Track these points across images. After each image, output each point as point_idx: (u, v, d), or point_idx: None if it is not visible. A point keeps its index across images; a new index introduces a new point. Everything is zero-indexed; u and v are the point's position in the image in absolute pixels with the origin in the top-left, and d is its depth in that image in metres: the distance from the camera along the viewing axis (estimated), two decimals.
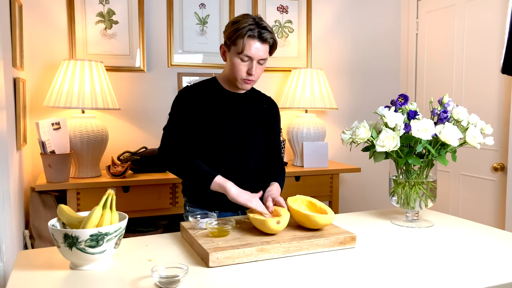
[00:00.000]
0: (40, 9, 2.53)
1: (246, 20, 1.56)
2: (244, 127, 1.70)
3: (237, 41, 1.56)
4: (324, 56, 3.19)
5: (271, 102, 1.84)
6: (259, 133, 1.76)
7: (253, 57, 1.57)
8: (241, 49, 1.56)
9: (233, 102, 1.70)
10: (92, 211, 1.17)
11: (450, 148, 1.55)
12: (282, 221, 1.33)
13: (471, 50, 2.81)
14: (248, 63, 1.59)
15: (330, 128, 3.19)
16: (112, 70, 2.65)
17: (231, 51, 1.60)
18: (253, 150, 1.74)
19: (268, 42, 1.59)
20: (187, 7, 2.81)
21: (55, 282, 1.09)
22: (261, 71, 1.64)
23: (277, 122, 1.85)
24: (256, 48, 1.56)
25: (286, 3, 3.05)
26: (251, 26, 1.55)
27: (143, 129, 2.77)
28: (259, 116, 1.76)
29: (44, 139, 2.22)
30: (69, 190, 2.27)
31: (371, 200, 3.36)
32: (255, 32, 1.55)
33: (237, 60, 1.59)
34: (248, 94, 1.76)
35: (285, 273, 1.16)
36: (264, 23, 1.58)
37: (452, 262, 1.25)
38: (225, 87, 1.71)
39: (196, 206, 1.73)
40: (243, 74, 1.60)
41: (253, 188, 1.68)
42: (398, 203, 1.64)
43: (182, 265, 1.10)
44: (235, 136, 1.68)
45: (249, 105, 1.75)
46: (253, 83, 1.66)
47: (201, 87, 1.70)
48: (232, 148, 1.67)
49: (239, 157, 1.69)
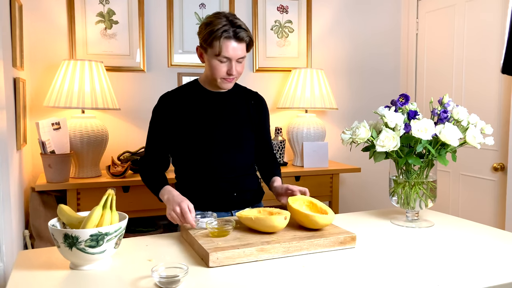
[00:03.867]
0: (40, 9, 2.53)
1: (219, 21, 1.53)
2: (231, 126, 1.68)
3: (213, 43, 1.53)
4: (324, 56, 3.19)
5: (258, 98, 1.80)
6: (248, 131, 1.73)
7: (231, 57, 1.55)
8: (218, 51, 1.53)
9: (217, 102, 1.68)
10: (92, 211, 1.17)
11: (450, 148, 1.55)
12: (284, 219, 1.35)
13: (471, 50, 2.81)
14: (227, 64, 1.57)
15: (330, 128, 3.19)
16: (112, 70, 2.66)
17: (208, 53, 1.57)
18: (243, 149, 1.71)
19: (244, 41, 1.56)
20: (187, 7, 2.81)
21: (55, 282, 1.09)
22: (241, 69, 1.62)
23: (266, 118, 1.82)
24: (233, 48, 1.54)
25: (286, 3, 3.05)
26: (226, 27, 1.52)
27: (143, 129, 2.77)
28: (246, 113, 1.73)
29: (44, 139, 2.22)
30: (69, 190, 2.27)
31: (371, 200, 3.36)
32: (230, 33, 1.52)
33: (215, 61, 1.56)
34: (233, 92, 1.73)
35: (285, 273, 1.15)
36: (238, 21, 1.55)
37: (452, 262, 1.24)
38: (208, 88, 1.69)
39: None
40: (223, 74, 1.59)
41: (245, 188, 1.69)
42: (398, 203, 1.64)
43: (182, 265, 1.10)
44: (223, 136, 1.66)
45: (235, 103, 1.72)
46: (234, 80, 1.64)
47: (182, 91, 1.69)
48: (220, 149, 1.66)
49: (228, 157, 1.67)
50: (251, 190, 1.73)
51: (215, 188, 1.65)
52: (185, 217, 1.40)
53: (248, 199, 1.72)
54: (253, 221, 1.35)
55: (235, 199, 1.68)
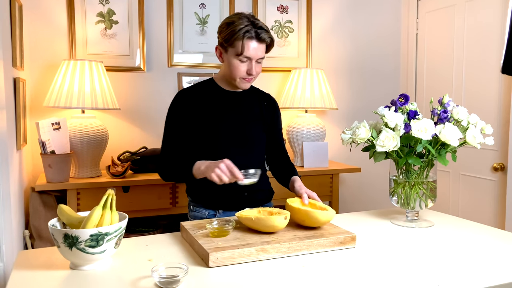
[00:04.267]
0: (40, 9, 2.53)
1: (241, 21, 1.56)
2: (244, 125, 1.71)
3: (235, 43, 1.56)
4: (324, 56, 3.19)
5: (270, 100, 1.84)
6: (260, 131, 1.76)
7: (252, 57, 1.59)
8: (240, 51, 1.56)
9: (232, 101, 1.71)
10: (92, 211, 1.17)
11: (450, 148, 1.55)
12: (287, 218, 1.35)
13: (471, 50, 2.81)
14: (248, 63, 1.60)
15: (330, 128, 3.19)
16: (112, 70, 2.66)
17: (229, 52, 1.60)
18: (254, 149, 1.74)
19: (265, 42, 1.60)
20: (187, 7, 2.81)
21: (55, 282, 1.09)
22: (260, 69, 1.65)
23: (278, 119, 1.86)
24: (254, 48, 1.58)
25: (286, 3, 3.05)
26: (248, 27, 1.55)
27: (143, 129, 2.77)
28: (259, 113, 1.77)
29: (44, 139, 2.22)
30: (69, 190, 2.27)
31: (371, 200, 3.36)
32: (253, 33, 1.56)
33: (235, 61, 1.59)
34: (247, 92, 1.76)
35: (285, 273, 1.15)
36: (259, 23, 1.59)
37: (452, 262, 1.24)
38: (223, 86, 1.72)
39: (200, 205, 1.74)
40: (243, 74, 1.62)
41: (256, 187, 1.69)
42: (398, 203, 1.64)
43: (182, 265, 1.10)
44: (236, 134, 1.68)
45: (249, 103, 1.75)
46: (253, 81, 1.67)
47: (198, 88, 1.71)
48: (232, 147, 1.68)
49: (240, 157, 1.69)
50: (262, 190, 1.75)
51: (226, 187, 1.66)
52: (233, 171, 1.44)
53: (259, 199, 1.73)
54: (253, 221, 1.35)
55: (245, 199, 1.69)
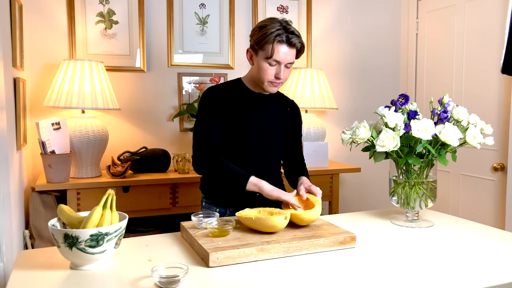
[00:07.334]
0: (40, 9, 2.53)
1: (273, 25, 1.58)
2: (267, 127, 1.74)
3: (265, 46, 1.59)
4: (324, 56, 3.19)
5: (294, 106, 1.87)
6: (281, 135, 1.79)
7: (282, 61, 1.61)
8: (270, 54, 1.58)
9: (257, 102, 1.74)
10: (92, 211, 1.17)
11: (450, 148, 1.55)
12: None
13: (471, 50, 2.81)
14: (276, 67, 1.62)
15: (330, 128, 3.19)
16: (112, 70, 2.66)
17: (259, 55, 1.63)
18: (273, 150, 1.78)
19: (296, 47, 1.62)
20: (187, 7, 2.81)
21: (55, 282, 1.09)
22: (288, 74, 1.67)
23: (299, 125, 1.88)
24: (284, 53, 1.59)
25: (286, 3, 3.05)
26: (279, 31, 1.57)
27: (143, 129, 2.77)
28: (282, 117, 1.79)
29: (44, 139, 2.22)
30: (69, 190, 2.27)
31: (371, 200, 3.36)
32: (284, 37, 1.58)
33: (265, 64, 1.62)
34: (273, 96, 1.78)
35: (285, 273, 1.16)
36: (291, 28, 1.61)
37: (452, 262, 1.25)
38: (251, 88, 1.74)
39: (211, 202, 1.77)
40: (271, 77, 1.64)
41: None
42: (398, 203, 1.64)
43: (182, 265, 1.10)
44: (258, 134, 1.72)
45: (273, 107, 1.78)
46: (280, 85, 1.69)
47: (227, 87, 1.74)
48: (253, 146, 1.71)
49: (259, 155, 1.73)
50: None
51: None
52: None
53: (270, 200, 1.73)
54: (253, 221, 1.35)
55: (258, 199, 1.69)
